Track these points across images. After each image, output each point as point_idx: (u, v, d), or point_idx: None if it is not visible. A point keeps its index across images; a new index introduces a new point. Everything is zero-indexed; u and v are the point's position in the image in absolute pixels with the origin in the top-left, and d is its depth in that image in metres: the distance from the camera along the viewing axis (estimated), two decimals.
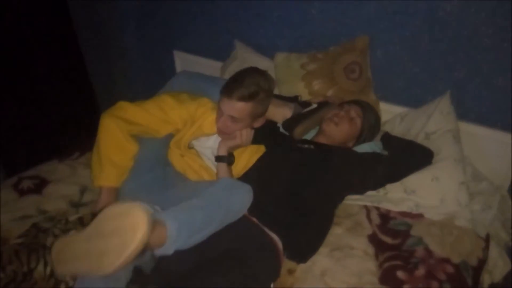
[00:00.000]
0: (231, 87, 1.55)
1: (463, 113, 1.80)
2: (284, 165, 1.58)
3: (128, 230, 1.01)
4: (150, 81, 2.82)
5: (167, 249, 1.15)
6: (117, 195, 1.56)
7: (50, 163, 1.93)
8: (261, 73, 1.61)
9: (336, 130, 1.68)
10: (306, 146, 1.67)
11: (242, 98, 1.53)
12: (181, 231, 1.15)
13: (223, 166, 1.61)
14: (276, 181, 1.53)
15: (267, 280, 1.29)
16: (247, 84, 1.54)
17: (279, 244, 1.37)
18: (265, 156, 1.68)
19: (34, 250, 1.36)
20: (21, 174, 1.84)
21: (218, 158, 1.62)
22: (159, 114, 1.63)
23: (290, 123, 1.75)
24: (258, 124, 1.68)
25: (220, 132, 1.64)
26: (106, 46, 2.78)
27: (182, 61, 2.58)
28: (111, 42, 2.76)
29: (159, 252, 1.15)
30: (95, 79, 2.83)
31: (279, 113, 1.76)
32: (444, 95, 1.79)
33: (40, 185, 1.76)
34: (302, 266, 1.40)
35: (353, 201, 1.66)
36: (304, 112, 1.78)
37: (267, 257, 1.32)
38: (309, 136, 1.80)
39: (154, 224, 1.08)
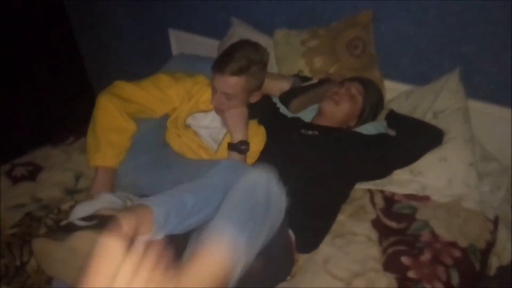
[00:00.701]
0: (222, 62, 1.49)
1: (471, 90, 1.71)
2: (291, 157, 1.52)
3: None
4: (145, 61, 2.75)
5: (156, 235, 1.11)
6: (114, 177, 1.51)
7: (44, 148, 1.88)
8: (251, 45, 1.54)
9: (337, 109, 1.62)
10: (310, 132, 1.60)
11: (233, 73, 1.48)
12: (170, 215, 1.11)
13: (235, 155, 1.54)
14: (285, 174, 1.47)
15: (284, 277, 1.27)
16: (238, 58, 1.48)
17: (293, 238, 1.32)
18: (270, 147, 1.62)
19: (27, 242, 1.32)
20: (14, 160, 1.80)
21: (231, 147, 1.55)
22: (156, 92, 1.59)
23: (286, 97, 1.68)
24: (254, 98, 1.62)
25: (217, 110, 1.59)
26: (99, 25, 2.69)
27: (178, 40, 2.49)
28: (104, 21, 2.66)
29: (148, 238, 1.10)
30: (88, 60, 2.74)
31: (276, 87, 1.70)
32: (453, 72, 1.70)
33: (34, 172, 1.72)
34: (304, 255, 1.36)
35: (357, 185, 1.60)
36: (302, 86, 1.71)
37: (285, 253, 1.28)
38: (309, 116, 1.74)
39: (139, 210, 1.05)
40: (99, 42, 2.77)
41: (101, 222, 0.99)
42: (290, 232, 1.32)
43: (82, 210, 1.10)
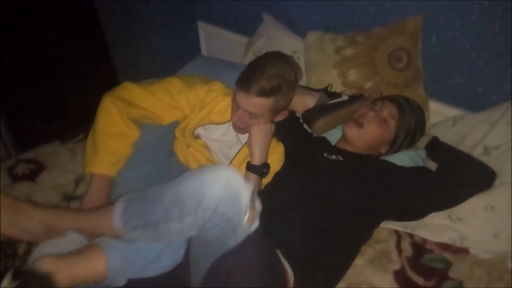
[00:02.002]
0: (249, 78, 1.29)
1: None
2: (308, 183, 1.32)
3: None
4: (174, 53, 2.59)
5: (114, 281, 0.99)
6: (110, 186, 1.39)
7: (52, 144, 1.79)
8: (285, 61, 1.34)
9: (360, 134, 1.39)
10: (333, 157, 1.39)
11: (262, 93, 1.28)
12: (130, 259, 0.98)
13: (253, 177, 1.38)
14: (298, 202, 1.27)
15: None
16: (269, 76, 1.27)
17: (291, 277, 1.13)
18: (286, 169, 1.44)
19: (4, 259, 1.22)
20: (20, 155, 1.73)
21: (253, 168, 1.38)
22: (165, 98, 1.44)
23: (310, 115, 1.47)
24: (280, 117, 1.45)
25: (236, 127, 1.43)
26: (127, 13, 2.55)
27: (206, 33, 2.32)
28: (133, 9, 2.52)
29: (106, 284, 0.99)
30: (115, 50, 2.63)
31: (300, 102, 1.49)
32: None
33: (35, 171, 1.63)
34: None
35: (382, 224, 1.37)
36: (329, 103, 1.48)
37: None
38: (337, 136, 1.52)
39: (91, 256, 0.95)
40: (127, 31, 2.64)
41: (26, 283, 0.88)
42: (287, 266, 1.12)
43: (44, 249, 1.01)
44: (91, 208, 1.22)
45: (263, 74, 1.28)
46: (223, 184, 0.91)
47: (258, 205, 0.98)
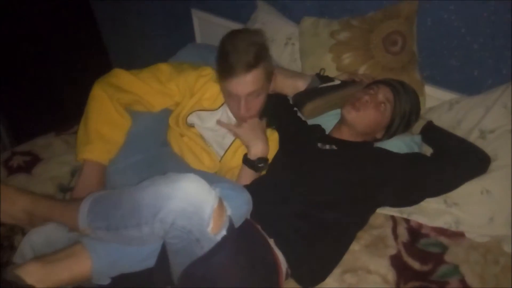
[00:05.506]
0: (230, 64, 1.28)
1: None
2: (302, 173, 1.31)
3: None
4: (169, 42, 2.57)
5: (98, 282, 0.99)
6: (102, 174, 1.38)
7: (47, 136, 1.79)
8: (246, 31, 1.37)
9: (358, 117, 1.36)
10: (327, 147, 1.38)
11: (250, 66, 1.27)
12: (116, 262, 0.98)
13: (249, 171, 1.38)
14: (291, 193, 1.27)
15: None
16: (244, 49, 1.27)
17: (283, 264, 1.14)
18: (280, 158, 1.43)
19: (2, 249, 1.22)
20: (15, 148, 1.73)
21: (247, 162, 1.38)
22: (155, 84, 1.44)
23: (300, 98, 1.46)
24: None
25: (243, 118, 1.40)
26: (121, 2, 2.52)
27: (200, 21, 2.29)
28: None
29: (88, 283, 0.99)
30: (109, 40, 2.60)
31: (290, 85, 1.48)
32: (510, 83, 1.40)
33: (30, 163, 1.63)
34: None
35: (378, 210, 1.37)
36: (320, 87, 1.47)
37: (265, 278, 1.09)
38: (331, 123, 1.51)
39: (75, 260, 0.95)
40: (121, 21, 2.61)
41: None
42: (279, 254, 1.13)
43: (31, 238, 1.05)
44: (71, 201, 1.21)
45: (239, 51, 1.26)
46: (182, 197, 0.88)
47: (228, 210, 0.96)
